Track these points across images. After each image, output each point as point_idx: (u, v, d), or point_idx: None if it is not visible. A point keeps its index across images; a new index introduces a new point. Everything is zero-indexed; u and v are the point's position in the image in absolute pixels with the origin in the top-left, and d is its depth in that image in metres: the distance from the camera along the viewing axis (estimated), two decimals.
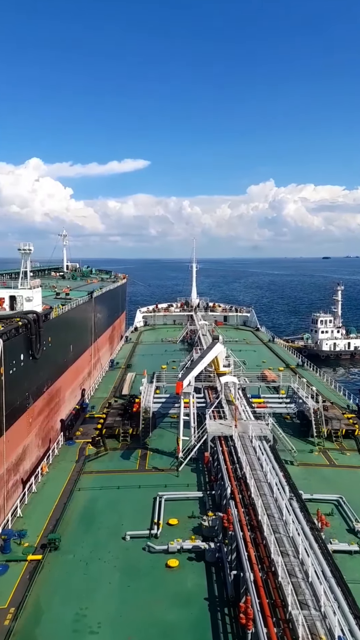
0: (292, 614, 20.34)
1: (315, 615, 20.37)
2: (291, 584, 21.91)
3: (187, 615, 23.78)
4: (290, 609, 20.63)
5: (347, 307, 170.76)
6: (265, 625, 20.37)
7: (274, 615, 21.11)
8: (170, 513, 32.48)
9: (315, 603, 21.00)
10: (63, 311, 56.43)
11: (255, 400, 50.50)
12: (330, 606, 20.82)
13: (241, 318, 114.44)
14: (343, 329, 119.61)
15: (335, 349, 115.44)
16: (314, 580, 22.28)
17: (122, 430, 45.69)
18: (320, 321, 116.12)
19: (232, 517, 27.88)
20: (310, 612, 20.52)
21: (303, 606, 20.91)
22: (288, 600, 20.94)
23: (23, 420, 39.86)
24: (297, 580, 22.48)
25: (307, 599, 21.35)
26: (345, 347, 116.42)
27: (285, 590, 21.53)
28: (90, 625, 23.10)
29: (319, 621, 20.07)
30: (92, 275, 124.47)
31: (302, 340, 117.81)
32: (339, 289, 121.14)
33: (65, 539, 29.83)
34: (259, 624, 20.42)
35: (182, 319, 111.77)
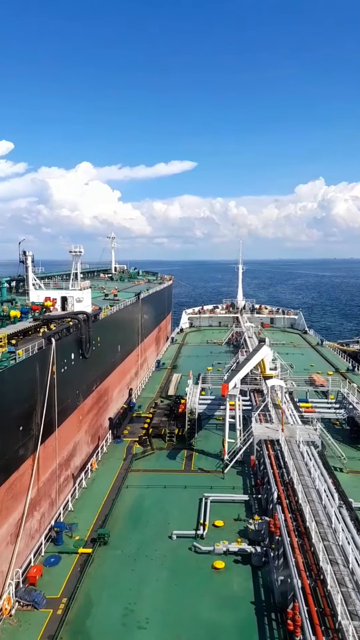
0: (342, 624, 19.93)
1: None
2: (341, 593, 21.45)
3: (234, 618, 23.80)
4: (339, 619, 20.22)
5: None
6: (313, 634, 20.09)
7: (323, 624, 20.75)
8: (216, 515, 32.57)
9: None
10: (111, 312, 57.61)
11: (302, 405, 49.60)
12: None
13: (288, 320, 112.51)
14: None
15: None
16: None
17: (168, 430, 46.21)
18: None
19: (279, 522, 27.60)
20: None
21: (353, 617, 20.43)
22: (337, 609, 20.52)
23: (74, 417, 41.08)
24: (347, 590, 21.97)
25: (358, 609, 20.85)
26: None
27: (335, 600, 21.10)
28: (139, 621, 23.61)
29: None
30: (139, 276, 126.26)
31: (358, 344, 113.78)
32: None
33: (113, 534, 30.61)
34: (307, 632, 20.16)
35: (227, 321, 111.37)
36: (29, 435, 30.64)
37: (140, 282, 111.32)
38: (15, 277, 66.09)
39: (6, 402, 27.66)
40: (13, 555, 27.94)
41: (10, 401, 28.27)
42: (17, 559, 28.28)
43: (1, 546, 26.85)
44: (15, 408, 28.83)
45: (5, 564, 27.30)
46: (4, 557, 27.14)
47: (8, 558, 27.60)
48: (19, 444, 29.26)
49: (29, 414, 30.90)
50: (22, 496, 29.72)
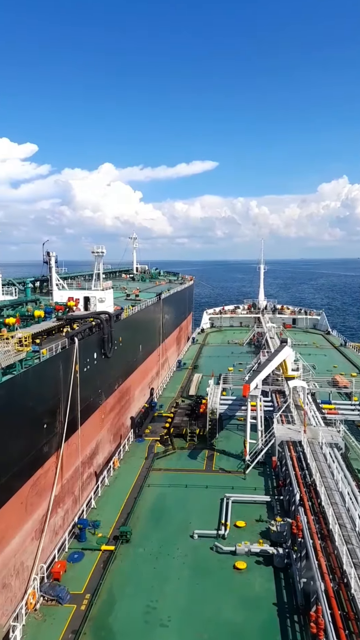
0: None
1: None
2: None
3: (256, 619, 23.75)
4: None
5: None
6: (337, 637, 19.86)
7: (347, 628, 20.50)
8: (238, 515, 32.53)
9: None
10: (133, 312, 58.00)
11: (325, 406, 49.03)
12: None
13: (311, 321, 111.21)
14: None
15: None
16: None
17: (189, 430, 46.32)
18: None
19: (302, 523, 27.39)
20: None
21: None
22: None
23: (96, 416, 41.55)
24: None
25: None
26: None
27: (359, 604, 20.85)
28: (161, 618, 23.79)
29: None
30: (160, 277, 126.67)
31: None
32: None
33: (135, 532, 30.90)
34: (330, 636, 19.93)
35: (248, 321, 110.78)
36: (52, 433, 31.16)
37: (161, 282, 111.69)
38: (39, 277, 67.24)
39: (31, 400, 28.20)
40: (38, 551, 28.47)
41: (35, 399, 28.81)
42: (42, 554, 28.79)
43: (26, 541, 27.39)
44: (39, 406, 29.37)
45: (30, 558, 27.84)
46: (29, 552, 27.68)
47: (33, 553, 28.14)
48: (43, 441, 29.79)
49: (53, 412, 31.42)
50: (46, 493, 30.24)
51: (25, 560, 27.23)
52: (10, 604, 25.00)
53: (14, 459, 25.82)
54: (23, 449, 27.03)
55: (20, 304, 44.46)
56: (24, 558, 26.99)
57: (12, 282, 57.12)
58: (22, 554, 26.76)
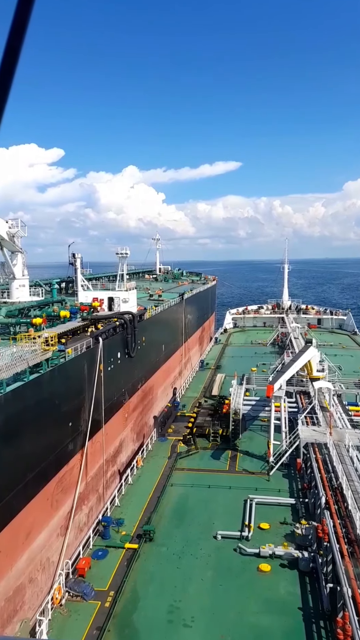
0: None
1: None
2: None
3: (281, 623, 23.47)
4: None
5: None
6: None
7: None
8: (261, 517, 32.24)
9: None
10: (156, 312, 58.23)
11: (352, 408, 48.18)
12: None
13: (337, 321, 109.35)
14: None
15: None
16: None
17: (212, 430, 46.17)
18: None
19: (328, 527, 26.91)
20: None
21: None
22: None
23: (120, 415, 41.85)
24: None
25: None
26: None
27: None
28: (184, 618, 23.76)
29: None
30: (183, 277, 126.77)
31: None
32: None
33: (159, 531, 30.97)
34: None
35: (272, 322, 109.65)
36: (77, 431, 31.51)
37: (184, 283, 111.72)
38: (65, 278, 68.21)
39: (57, 399, 28.60)
40: (63, 547, 28.84)
41: (61, 398, 29.20)
42: (67, 551, 29.16)
43: (52, 537, 27.77)
44: (65, 404, 29.75)
45: (56, 554, 28.22)
46: (54, 548, 28.06)
47: (58, 549, 28.52)
48: (68, 439, 30.16)
49: (78, 410, 31.78)
50: (71, 490, 30.60)
51: (51, 556, 27.62)
52: (37, 599, 25.40)
53: (40, 456, 26.23)
54: (49, 447, 27.43)
55: (46, 304, 45.15)
56: (49, 554, 27.38)
57: (38, 283, 58.11)
58: (48, 549, 27.16)
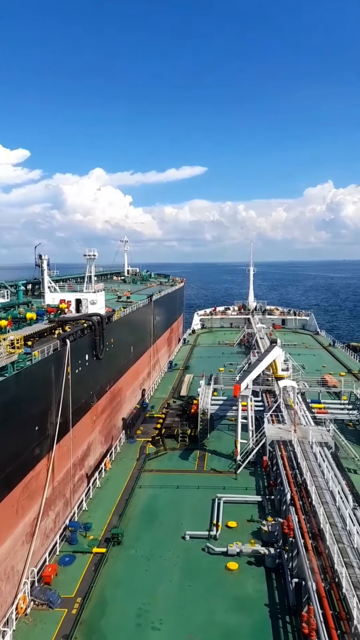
0: (358, 628, 19.79)
1: None
2: (356, 596, 21.28)
3: (248, 620, 23.78)
4: (355, 623, 20.07)
5: None
6: (329, 638, 19.94)
7: (338, 628, 20.62)
8: (229, 515, 32.57)
9: None
10: (124, 314, 57.94)
11: (315, 406, 49.39)
12: None
13: (300, 322, 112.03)
14: None
15: None
16: None
17: (180, 430, 46.34)
18: None
19: (293, 523, 27.50)
20: None
21: None
22: (353, 613, 20.39)
23: (88, 417, 41.37)
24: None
25: None
26: None
27: (350, 603, 20.96)
28: (153, 621, 23.73)
29: None
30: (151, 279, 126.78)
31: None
32: None
33: (127, 534, 30.80)
34: (322, 636, 20.01)
35: (239, 322, 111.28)
36: (44, 435, 30.98)
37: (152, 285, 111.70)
38: (31, 280, 66.97)
39: (23, 402, 28.02)
40: (28, 554, 28.26)
41: (27, 401, 28.63)
42: (33, 558, 28.59)
43: (17, 545, 27.18)
44: (31, 408, 29.19)
45: (21, 562, 27.63)
46: (19, 556, 27.47)
47: (24, 557, 27.93)
48: (34, 444, 29.60)
49: (45, 414, 31.25)
50: (37, 495, 30.05)
51: (16, 564, 27.03)
52: (0, 609, 24.79)
53: (5, 461, 25.63)
54: (14, 452, 26.84)
55: (12, 306, 44.22)
56: (14, 562, 26.79)
57: (3, 284, 56.81)
58: (12, 558, 26.56)
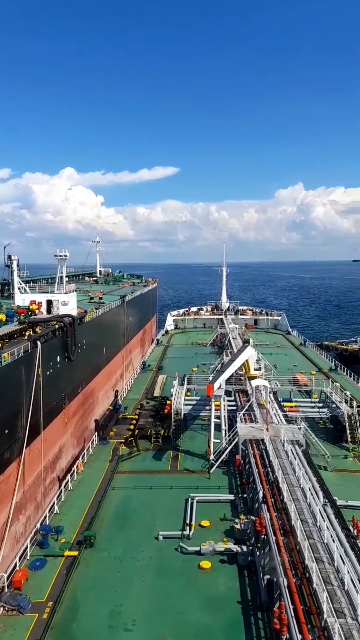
0: (328, 622, 20.09)
1: (352, 625, 20.05)
2: (326, 591, 21.69)
3: (221, 618, 23.88)
4: (325, 617, 20.39)
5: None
6: (299, 632, 20.21)
7: (309, 622, 20.93)
8: (202, 515, 32.67)
9: (352, 612, 20.70)
10: (97, 315, 57.50)
11: (286, 404, 50.12)
12: None
13: (272, 322, 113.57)
14: None
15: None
16: (350, 588, 21.95)
17: (154, 431, 46.22)
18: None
19: (265, 521, 27.81)
20: (346, 621, 20.22)
21: (339, 614, 20.63)
22: (323, 607, 20.73)
23: (59, 419, 40.84)
24: (333, 587, 22.22)
25: (343, 607, 21.06)
26: None
27: (320, 598, 21.32)
28: (125, 622, 23.57)
29: (355, 630, 19.77)
30: (124, 279, 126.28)
31: (357, 343, 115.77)
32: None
33: (100, 536, 30.50)
34: (293, 630, 20.28)
35: (212, 323, 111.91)
36: (14, 438, 30.39)
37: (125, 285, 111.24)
38: (0, 281, 65.56)
39: None
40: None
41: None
42: (2, 563, 28.00)
43: None
44: (0, 411, 28.58)
45: None
46: None
47: None
48: (4, 447, 29.00)
49: (15, 416, 30.66)
50: (7, 500, 29.44)
51: None
52: None
53: None
54: None
55: None
56: None
57: None
58: None
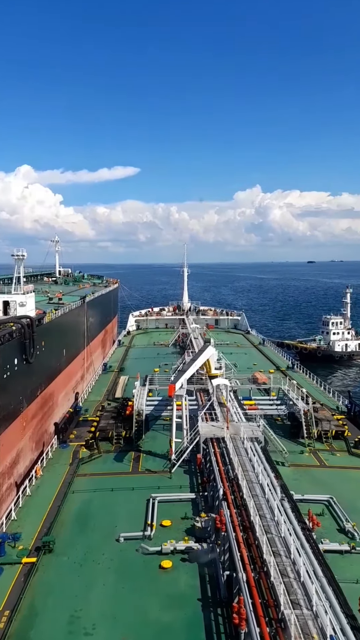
0: (285, 614, 20.56)
1: (307, 615, 20.65)
2: (283, 584, 22.21)
3: (181, 616, 24.00)
4: (282, 609, 20.85)
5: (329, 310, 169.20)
6: (258, 625, 20.56)
7: (267, 615, 21.33)
8: (164, 515, 32.74)
9: (307, 603, 21.29)
10: (56, 316, 56.57)
11: (246, 402, 50.98)
12: (322, 605, 21.08)
13: (232, 321, 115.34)
14: (353, 330, 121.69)
15: (347, 350, 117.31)
16: (306, 580, 22.59)
17: (115, 433, 45.91)
18: (332, 323, 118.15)
19: (225, 518, 28.16)
20: (302, 612, 20.78)
21: (295, 606, 21.17)
22: (280, 600, 21.20)
23: (17, 424, 39.89)
24: (289, 580, 22.78)
25: (299, 598, 21.64)
26: (356, 347, 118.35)
27: (278, 590, 21.80)
28: (85, 627, 23.29)
29: (310, 620, 20.35)
30: (84, 280, 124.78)
31: (315, 342, 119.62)
32: (348, 292, 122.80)
33: (59, 541, 29.99)
34: (251, 624, 20.62)
35: (174, 323, 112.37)
36: None
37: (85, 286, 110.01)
38: None
39: None
40: None
41: None
42: None
43: None
44: None
45: None
46: None
47: None
48: None
49: None
50: None
51: None
52: None
53: None
54: None
55: None
56: None
57: None
58: None
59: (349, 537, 30.40)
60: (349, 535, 30.57)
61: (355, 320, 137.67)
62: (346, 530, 30.91)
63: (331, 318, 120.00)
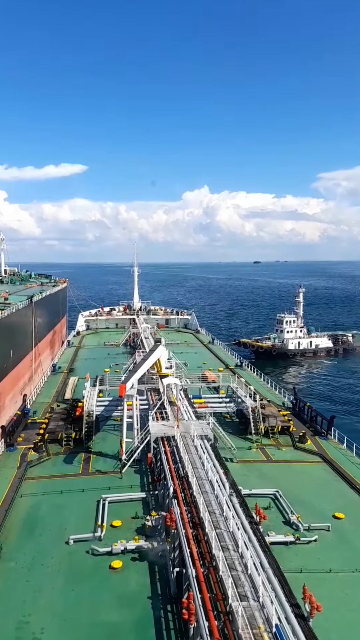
0: (232, 606, 21.13)
1: (254, 606, 21.35)
2: (231, 577, 22.85)
3: (131, 615, 24.09)
4: (230, 602, 21.42)
5: (278, 308, 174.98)
6: (206, 619, 21.04)
7: (215, 609, 21.89)
8: (114, 515, 32.66)
9: (254, 594, 22.02)
10: (2, 316, 54.81)
11: (196, 401, 51.70)
12: (268, 596, 21.83)
13: (182, 321, 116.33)
14: (305, 328, 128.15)
15: (300, 347, 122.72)
16: (253, 572, 23.29)
17: (64, 434, 45.17)
18: (286, 322, 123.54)
19: (175, 515, 28.51)
20: (249, 603, 21.45)
21: (242, 598, 21.80)
22: (228, 593, 21.77)
23: None
24: (237, 573, 23.45)
25: (247, 590, 22.32)
26: (308, 345, 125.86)
27: (226, 584, 22.40)
28: (34, 632, 22.85)
29: (257, 611, 21.05)
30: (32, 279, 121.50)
31: (270, 340, 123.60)
32: (301, 292, 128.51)
33: (6, 547, 29.20)
34: (200, 618, 21.06)
35: (124, 323, 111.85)
36: None
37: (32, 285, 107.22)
38: None
39: None
40: None
41: None
42: None
43: None
44: None
45: None
46: None
47: None
48: None
49: None
50: None
51: None
52: None
53: None
54: None
55: None
56: None
57: None
58: None
59: (294, 528, 31.59)
60: (293, 527, 31.76)
61: (307, 318, 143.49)
62: (291, 522, 32.08)
63: (285, 317, 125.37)
